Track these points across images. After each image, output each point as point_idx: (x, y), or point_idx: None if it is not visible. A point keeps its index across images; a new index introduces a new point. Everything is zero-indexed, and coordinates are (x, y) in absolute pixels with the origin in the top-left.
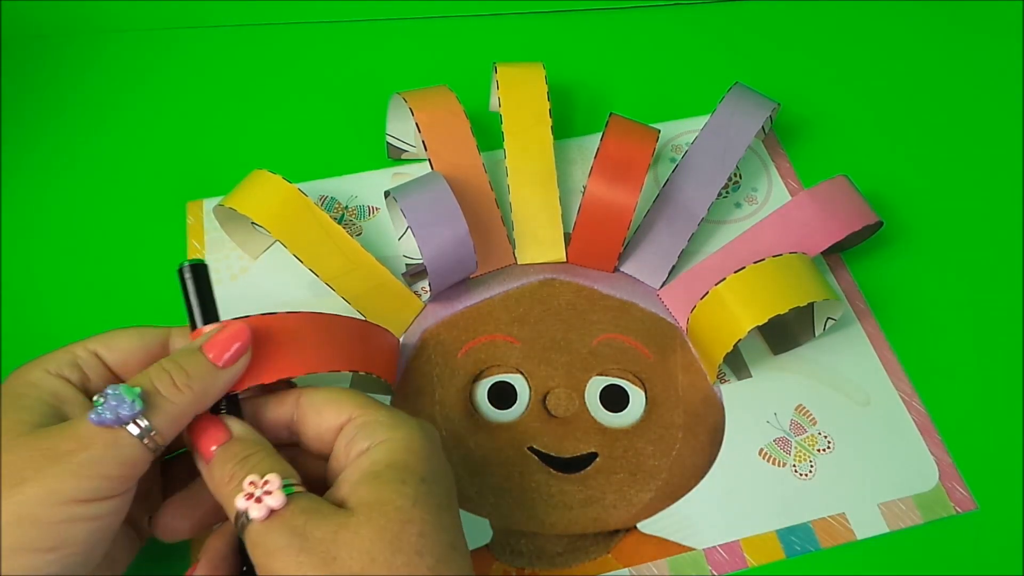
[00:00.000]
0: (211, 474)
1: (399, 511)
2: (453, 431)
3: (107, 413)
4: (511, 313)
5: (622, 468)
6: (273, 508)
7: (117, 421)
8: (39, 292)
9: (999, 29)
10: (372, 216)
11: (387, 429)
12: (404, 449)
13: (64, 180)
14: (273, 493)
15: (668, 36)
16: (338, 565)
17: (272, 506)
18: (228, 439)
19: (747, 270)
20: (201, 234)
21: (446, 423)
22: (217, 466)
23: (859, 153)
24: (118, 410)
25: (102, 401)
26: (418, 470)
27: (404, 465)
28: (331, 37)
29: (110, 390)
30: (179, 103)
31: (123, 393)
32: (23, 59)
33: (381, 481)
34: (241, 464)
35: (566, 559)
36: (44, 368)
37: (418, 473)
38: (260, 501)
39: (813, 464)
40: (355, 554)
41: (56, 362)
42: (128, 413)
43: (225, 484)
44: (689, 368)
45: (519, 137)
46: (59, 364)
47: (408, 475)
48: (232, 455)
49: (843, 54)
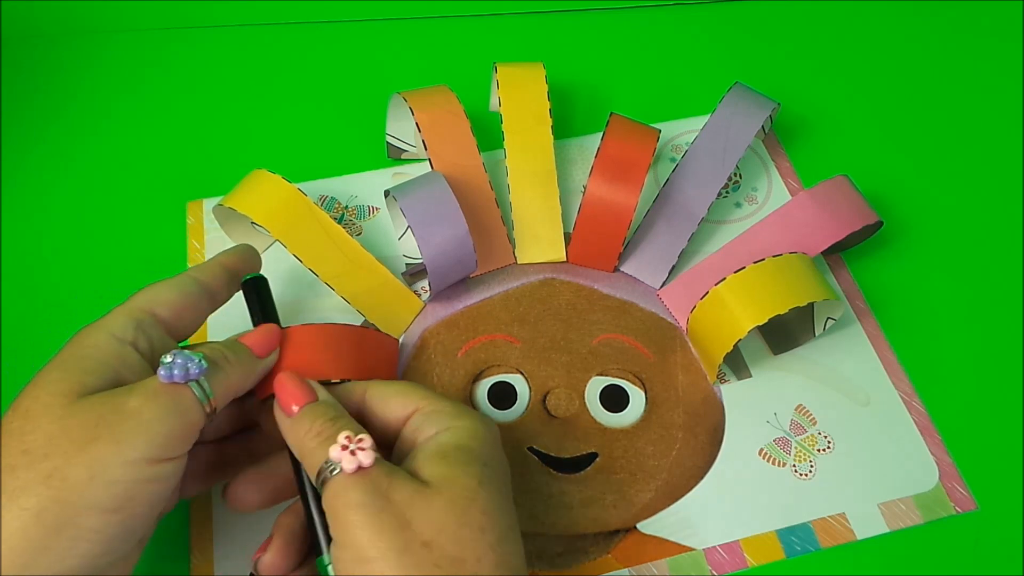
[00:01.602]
0: (298, 426)
1: (466, 488)
2: None
3: (175, 370)
4: (511, 313)
5: (622, 468)
6: (363, 464)
7: (185, 377)
8: (40, 292)
9: (999, 29)
10: (372, 216)
11: (452, 418)
12: (469, 436)
13: (64, 180)
14: (366, 451)
15: (668, 36)
16: (412, 530)
17: (363, 462)
18: (315, 400)
19: (747, 270)
20: (201, 234)
21: None
22: (307, 419)
23: (859, 153)
24: (187, 366)
25: (169, 360)
26: (481, 455)
27: (469, 449)
28: (331, 37)
29: (175, 351)
30: (179, 103)
31: (189, 354)
32: (23, 59)
33: (449, 461)
34: (331, 422)
35: (566, 559)
36: (108, 331)
37: (481, 458)
38: (354, 455)
39: (813, 464)
40: (426, 522)
41: (119, 325)
42: (196, 371)
43: (313, 436)
44: (689, 368)
45: (519, 137)
46: (123, 327)
47: (473, 458)
48: (321, 413)
49: (843, 54)
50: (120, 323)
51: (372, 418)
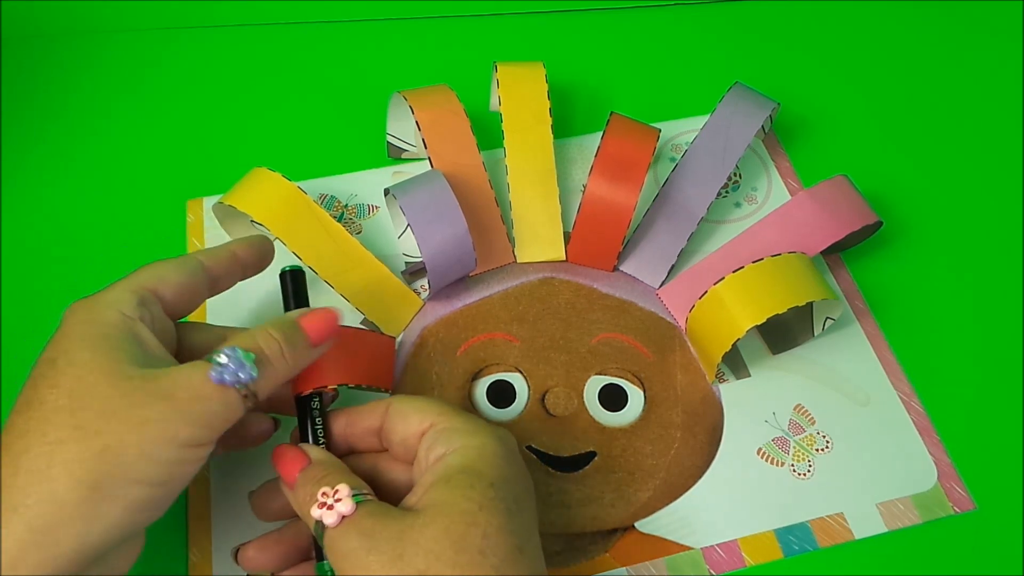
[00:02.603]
0: (295, 498)
1: (464, 513)
2: None
3: (227, 375)
4: (510, 311)
5: (620, 467)
6: (344, 514)
7: (236, 383)
8: (40, 290)
9: (999, 29)
10: (372, 215)
11: (463, 436)
12: (477, 455)
13: (65, 178)
14: (343, 500)
15: (668, 36)
16: (404, 562)
17: (343, 512)
18: (308, 464)
19: (746, 269)
20: (201, 232)
21: None
22: (300, 488)
23: (859, 153)
24: (238, 373)
25: (223, 361)
26: (488, 475)
27: (475, 470)
28: (332, 37)
29: (228, 352)
30: (180, 102)
31: (242, 358)
32: (23, 59)
33: (451, 485)
34: (317, 483)
35: (564, 558)
36: (116, 308)
37: (487, 478)
38: (331, 508)
39: (811, 464)
40: (420, 552)
41: (125, 302)
42: (246, 378)
43: (306, 504)
44: (688, 367)
45: (519, 136)
46: (128, 304)
47: (477, 480)
48: (310, 478)
49: (843, 54)
50: (125, 299)
51: (393, 435)
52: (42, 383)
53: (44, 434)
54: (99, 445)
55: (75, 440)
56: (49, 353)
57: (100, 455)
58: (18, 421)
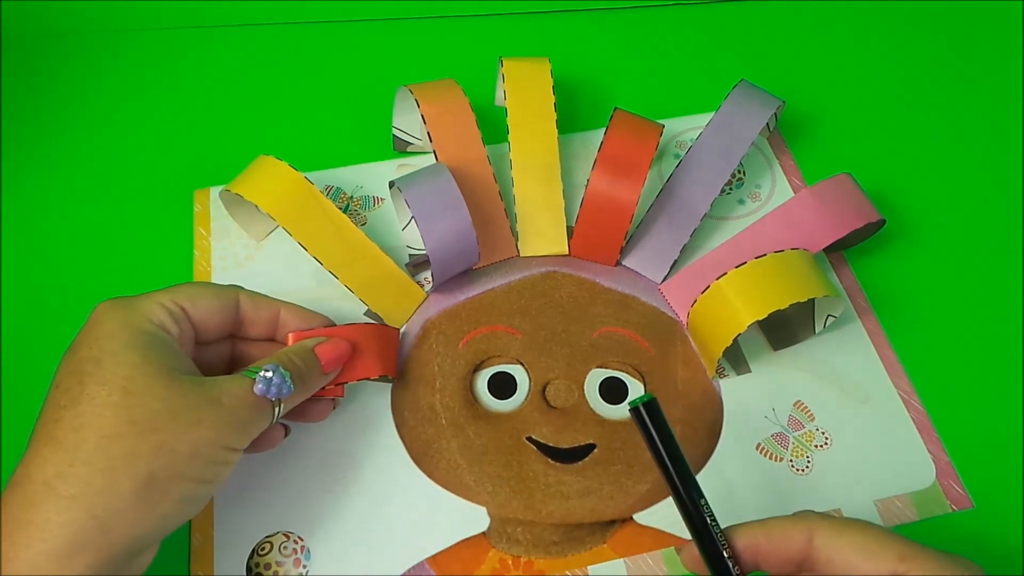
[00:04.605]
0: None
1: None
2: (453, 420)
3: (272, 389)
4: (513, 305)
5: (620, 460)
6: None
7: (277, 395)
8: (48, 281)
9: (1001, 29)
10: (377, 207)
11: None
12: None
13: (72, 168)
14: None
15: (674, 35)
16: None
17: None
18: None
19: (748, 265)
20: (208, 222)
21: (446, 412)
22: None
23: (863, 151)
24: (281, 388)
25: (269, 376)
26: None
27: None
28: (341, 36)
29: (272, 367)
30: (188, 97)
31: (284, 375)
32: (23, 58)
33: None
34: None
35: (562, 548)
36: (148, 318)
37: None
38: None
39: (810, 460)
40: None
41: (157, 314)
42: (286, 392)
43: None
44: (689, 362)
45: (524, 131)
46: (160, 316)
47: None
48: None
49: (848, 53)
50: (155, 312)
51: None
52: (89, 380)
53: (100, 428)
54: (155, 441)
55: (132, 435)
56: (90, 352)
57: (155, 450)
58: (67, 416)
